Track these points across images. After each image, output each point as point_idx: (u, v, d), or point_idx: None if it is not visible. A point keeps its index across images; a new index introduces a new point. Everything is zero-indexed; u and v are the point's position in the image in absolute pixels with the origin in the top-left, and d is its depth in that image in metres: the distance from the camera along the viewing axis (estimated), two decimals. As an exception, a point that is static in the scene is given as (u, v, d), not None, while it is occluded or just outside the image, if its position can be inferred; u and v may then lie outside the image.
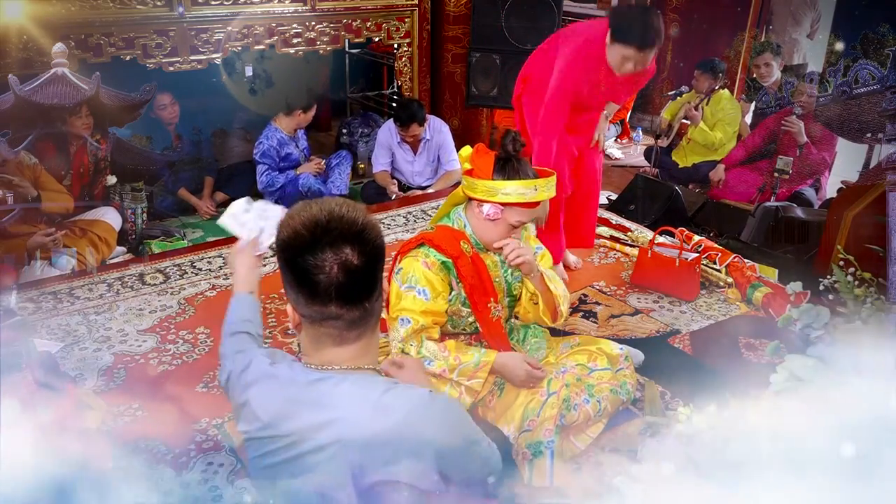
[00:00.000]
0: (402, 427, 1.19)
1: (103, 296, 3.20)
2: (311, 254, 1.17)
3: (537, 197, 2.02)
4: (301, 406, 1.23)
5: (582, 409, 2.13)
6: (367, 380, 1.24)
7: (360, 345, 1.25)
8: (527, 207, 2.04)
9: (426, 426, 1.21)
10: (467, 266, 2.10)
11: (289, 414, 1.23)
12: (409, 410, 1.21)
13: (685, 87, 5.21)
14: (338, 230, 1.18)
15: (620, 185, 4.65)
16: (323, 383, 1.23)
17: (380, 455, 1.19)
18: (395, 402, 1.21)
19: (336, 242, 1.17)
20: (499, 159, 2.05)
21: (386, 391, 1.22)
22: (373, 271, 1.21)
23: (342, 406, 1.20)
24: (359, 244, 1.18)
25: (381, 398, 1.21)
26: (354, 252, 1.17)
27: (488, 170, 2.04)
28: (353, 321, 1.22)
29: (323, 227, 1.17)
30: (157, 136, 4.34)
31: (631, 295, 3.28)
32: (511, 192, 2.00)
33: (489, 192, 2.03)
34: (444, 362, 2.04)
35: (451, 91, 5.04)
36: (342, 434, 1.19)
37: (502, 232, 2.08)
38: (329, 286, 1.17)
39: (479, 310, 2.14)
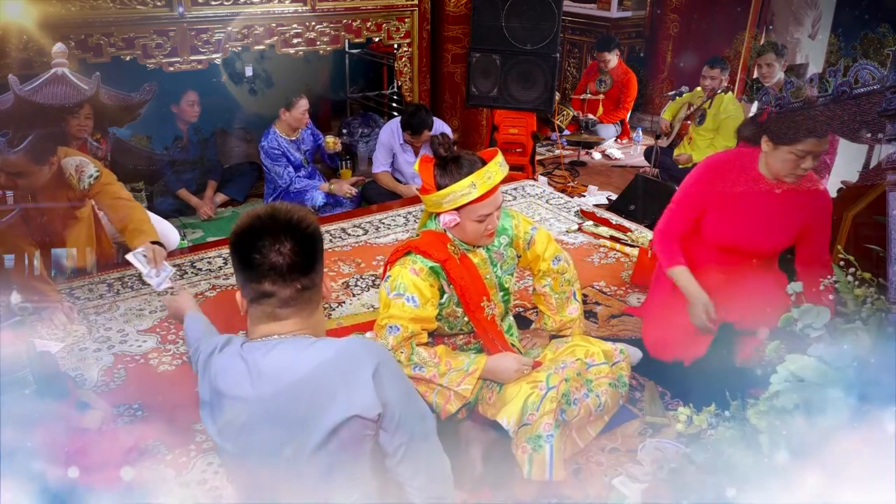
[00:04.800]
0: (334, 362, 1.35)
1: (103, 296, 3.20)
2: (252, 239, 1.37)
3: (479, 192, 2.00)
4: (242, 373, 1.39)
5: (582, 403, 2.14)
6: (297, 339, 1.41)
7: (293, 321, 1.42)
8: (481, 200, 2.02)
9: (356, 354, 1.38)
10: (456, 268, 2.10)
11: (236, 381, 1.40)
12: (338, 348, 1.37)
13: (685, 87, 5.22)
14: (274, 220, 1.37)
15: (620, 185, 4.65)
16: (258, 350, 1.39)
17: (320, 395, 1.33)
18: (326, 346, 1.38)
19: (272, 230, 1.36)
20: (436, 167, 2.06)
21: (315, 342, 1.39)
22: (305, 254, 1.38)
23: (275, 364, 1.36)
24: (291, 231, 1.36)
25: (311, 347, 1.38)
26: (287, 237, 1.36)
27: (431, 181, 2.05)
28: (286, 300, 1.39)
29: (263, 219, 1.38)
30: (157, 135, 4.35)
31: (631, 295, 3.28)
32: (452, 199, 2.01)
33: (436, 205, 2.06)
34: (435, 368, 2.05)
35: (451, 91, 5.04)
36: (279, 387, 1.35)
37: (474, 229, 2.09)
38: (262, 265, 1.36)
39: (473, 310, 2.15)
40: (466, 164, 2.02)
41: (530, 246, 2.31)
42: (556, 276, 2.36)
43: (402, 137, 4.41)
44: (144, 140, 4.29)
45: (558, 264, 2.35)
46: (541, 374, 2.10)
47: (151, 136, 4.32)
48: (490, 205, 2.04)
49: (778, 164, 2.36)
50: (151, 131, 4.30)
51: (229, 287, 3.29)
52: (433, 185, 2.05)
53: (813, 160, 2.33)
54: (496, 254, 2.23)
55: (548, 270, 2.35)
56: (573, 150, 5.51)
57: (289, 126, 4.34)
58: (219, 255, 3.60)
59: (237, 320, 2.99)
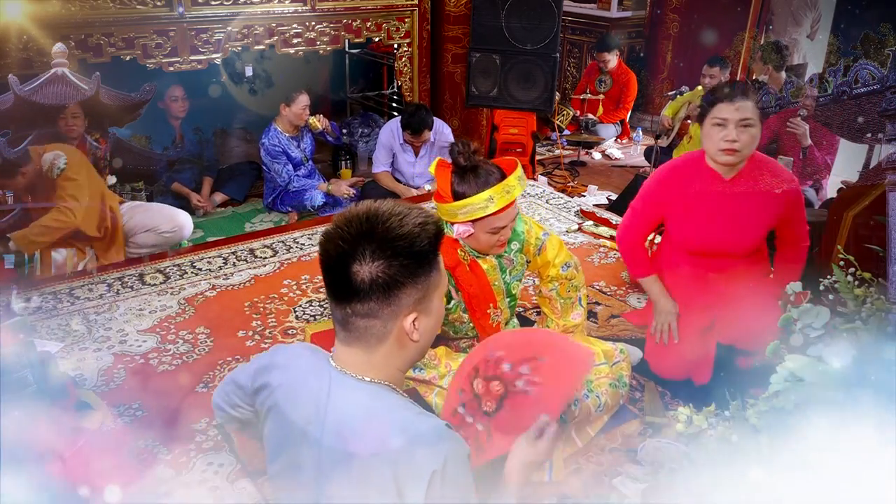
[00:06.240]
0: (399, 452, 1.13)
1: (103, 296, 3.20)
2: (325, 240, 1.17)
3: (496, 206, 1.96)
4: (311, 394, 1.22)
5: (582, 404, 2.14)
6: (382, 394, 1.20)
7: (360, 351, 1.20)
8: (497, 214, 1.99)
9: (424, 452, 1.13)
10: (465, 275, 2.10)
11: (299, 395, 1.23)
12: (414, 435, 1.14)
13: (685, 87, 5.22)
14: (356, 227, 1.14)
15: (620, 185, 4.65)
16: (340, 386, 1.20)
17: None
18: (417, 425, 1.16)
19: (350, 239, 1.13)
20: (454, 174, 2.01)
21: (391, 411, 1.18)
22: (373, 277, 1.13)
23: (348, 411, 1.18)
24: (371, 249, 1.12)
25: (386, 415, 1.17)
26: (366, 251, 1.12)
27: (447, 189, 2.01)
28: (340, 321, 1.20)
29: (348, 222, 1.15)
30: (157, 135, 4.35)
31: (631, 295, 3.27)
32: (468, 211, 1.97)
33: (451, 214, 2.01)
34: (435, 370, 2.05)
35: (451, 91, 5.04)
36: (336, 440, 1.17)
37: (487, 240, 2.06)
38: (324, 274, 1.18)
39: (479, 317, 2.15)
40: (485, 176, 1.98)
41: (540, 252, 2.30)
42: (564, 281, 2.36)
43: (402, 137, 4.41)
44: (144, 140, 4.29)
45: (567, 270, 2.34)
46: None
47: (151, 136, 4.32)
48: (505, 217, 2.03)
49: (708, 143, 2.34)
50: (151, 131, 4.30)
51: (229, 287, 3.29)
52: (449, 192, 2.00)
53: (739, 130, 2.26)
54: (506, 260, 2.22)
55: (556, 276, 2.35)
56: (573, 150, 5.51)
57: (289, 122, 4.34)
58: (219, 255, 3.60)
59: (237, 320, 3.00)
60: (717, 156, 2.33)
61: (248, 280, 3.36)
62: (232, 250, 3.67)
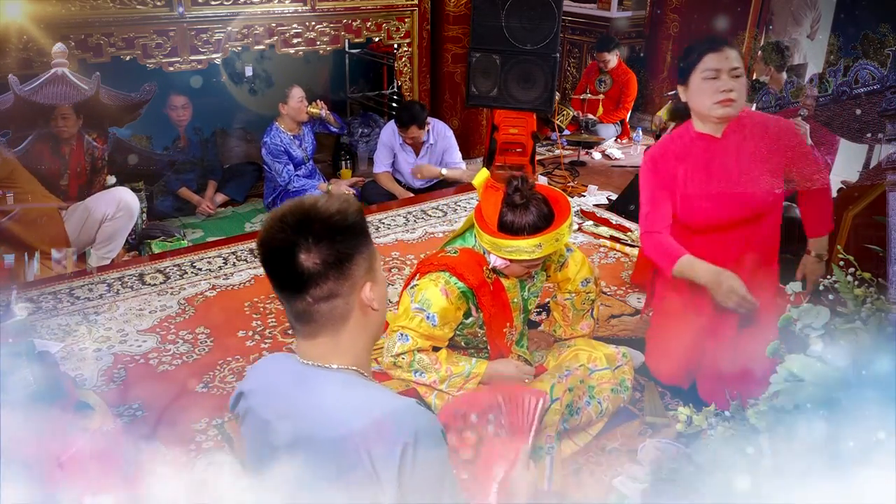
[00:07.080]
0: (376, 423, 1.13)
1: (103, 296, 3.20)
2: (265, 242, 1.16)
3: (542, 254, 1.94)
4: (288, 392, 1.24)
5: (584, 411, 2.15)
6: (349, 380, 1.21)
7: (325, 339, 1.20)
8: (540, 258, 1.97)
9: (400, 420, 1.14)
10: (488, 295, 2.08)
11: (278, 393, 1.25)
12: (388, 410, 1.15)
13: (685, 87, 5.21)
14: (290, 221, 1.14)
15: (620, 185, 4.65)
16: (309, 378, 1.22)
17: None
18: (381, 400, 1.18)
19: (289, 231, 1.13)
20: (505, 205, 1.95)
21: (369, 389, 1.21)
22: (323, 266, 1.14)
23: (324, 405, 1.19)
24: (313, 234, 1.12)
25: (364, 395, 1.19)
26: (308, 238, 1.12)
27: (493, 217, 1.96)
28: (300, 315, 1.18)
29: (280, 220, 1.16)
30: (157, 135, 4.35)
31: (631, 295, 3.28)
32: (513, 251, 1.94)
33: (494, 246, 1.97)
34: (436, 374, 2.05)
35: (451, 91, 5.04)
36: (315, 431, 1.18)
37: (520, 271, 2.05)
38: (273, 275, 1.18)
39: (495, 335, 2.14)
40: (536, 218, 1.92)
41: (562, 268, 2.30)
42: (581, 294, 2.36)
43: (400, 137, 4.41)
44: (144, 140, 4.29)
45: (587, 286, 2.34)
46: (545, 383, 2.10)
47: (151, 136, 4.32)
48: (546, 259, 2.03)
49: (701, 99, 2.19)
50: (151, 131, 4.30)
51: (229, 287, 3.29)
52: (495, 221, 1.95)
53: (731, 78, 2.15)
54: (528, 277, 2.22)
55: (575, 290, 2.35)
56: (573, 150, 5.51)
57: (291, 119, 4.35)
58: (218, 255, 3.60)
59: (237, 320, 3.00)
60: (714, 110, 2.18)
61: (248, 280, 3.36)
62: (232, 250, 3.67)
